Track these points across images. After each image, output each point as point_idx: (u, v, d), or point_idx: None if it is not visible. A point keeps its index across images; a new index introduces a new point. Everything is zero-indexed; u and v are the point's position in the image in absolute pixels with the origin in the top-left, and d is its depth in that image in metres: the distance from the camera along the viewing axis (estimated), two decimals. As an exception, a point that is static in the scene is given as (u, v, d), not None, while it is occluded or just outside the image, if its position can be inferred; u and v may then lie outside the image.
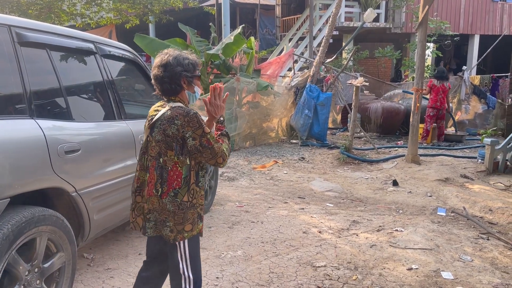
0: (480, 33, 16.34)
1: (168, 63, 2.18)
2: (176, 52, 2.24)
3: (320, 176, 6.92)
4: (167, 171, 2.17)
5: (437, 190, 6.03)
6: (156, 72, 2.21)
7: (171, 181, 2.17)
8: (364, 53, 13.13)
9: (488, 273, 3.58)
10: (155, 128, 2.19)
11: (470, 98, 12.41)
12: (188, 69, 2.23)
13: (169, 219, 2.18)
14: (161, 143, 2.18)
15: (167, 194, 2.17)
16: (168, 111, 2.18)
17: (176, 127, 2.13)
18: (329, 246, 4.07)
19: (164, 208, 2.18)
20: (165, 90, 2.24)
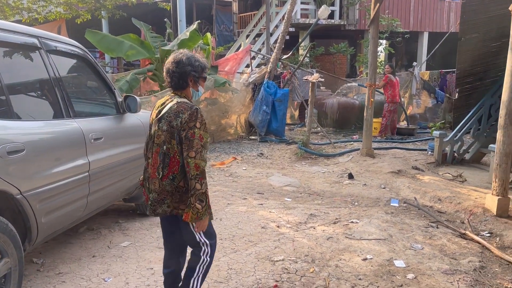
0: (429, 30, 17.04)
1: (180, 61, 2.49)
2: (190, 53, 2.55)
3: (278, 172, 6.98)
4: (169, 157, 2.47)
5: (391, 182, 6.24)
6: (169, 67, 2.51)
7: (171, 166, 2.47)
8: (320, 49, 13.37)
9: (437, 260, 3.75)
10: (162, 119, 2.49)
11: (421, 93, 12.92)
12: (197, 70, 2.53)
13: (167, 197, 2.50)
14: (166, 132, 2.47)
15: (167, 177, 2.48)
16: (174, 105, 2.48)
17: (181, 119, 2.42)
18: (287, 240, 4.12)
19: (163, 189, 2.49)
20: (174, 84, 2.55)
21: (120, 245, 3.96)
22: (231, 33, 17.62)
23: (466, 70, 7.64)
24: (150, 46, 8.54)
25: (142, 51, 8.25)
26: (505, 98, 4.69)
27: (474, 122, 7.42)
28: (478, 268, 3.67)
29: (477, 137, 7.48)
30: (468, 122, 7.41)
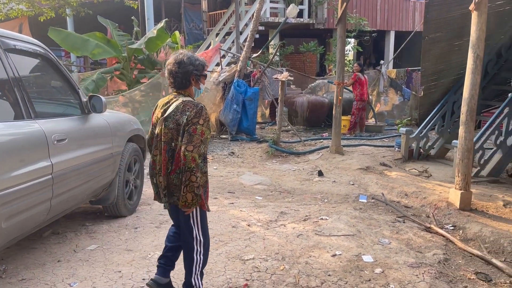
0: (395, 29, 17.44)
1: (182, 61, 2.62)
2: (190, 53, 2.68)
3: (249, 170, 6.99)
4: (175, 152, 2.60)
5: (359, 178, 6.36)
6: (171, 68, 2.64)
7: (178, 161, 2.59)
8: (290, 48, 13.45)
9: (404, 254, 3.84)
10: (169, 118, 2.62)
11: (388, 91, 13.22)
12: (198, 69, 2.67)
13: (175, 191, 2.64)
14: (173, 130, 2.61)
15: (174, 172, 2.63)
16: (180, 104, 2.62)
17: (187, 116, 2.55)
18: (257, 238, 4.12)
19: (171, 183, 2.65)
20: (178, 84, 2.68)
21: (87, 249, 3.86)
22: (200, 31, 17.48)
23: (430, 68, 7.85)
24: (117, 44, 8.36)
25: (108, 50, 8.08)
26: (466, 96, 4.86)
27: (438, 119, 7.65)
28: (442, 260, 3.79)
29: (441, 133, 7.71)
30: (433, 119, 7.63)
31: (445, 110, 7.62)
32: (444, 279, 3.46)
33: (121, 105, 8.03)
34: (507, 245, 4.14)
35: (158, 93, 8.26)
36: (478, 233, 4.44)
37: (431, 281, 3.37)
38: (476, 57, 4.75)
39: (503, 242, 4.19)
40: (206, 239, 2.85)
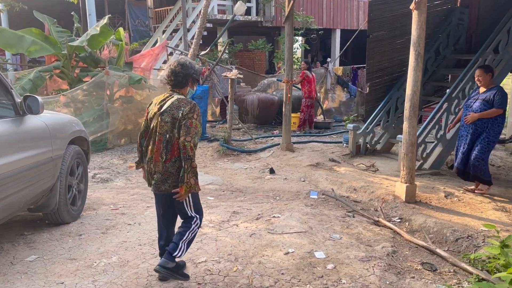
0: (341, 27, 17.91)
1: (185, 64, 3.04)
2: (190, 59, 3.17)
3: (200, 170, 6.85)
4: (171, 144, 2.97)
5: (310, 174, 6.43)
6: (174, 68, 3.03)
7: (173, 151, 2.98)
8: (238, 45, 13.39)
9: (354, 248, 3.91)
10: (165, 113, 2.97)
11: (335, 88, 13.53)
12: (196, 74, 3.11)
13: (170, 177, 3.00)
14: (169, 123, 2.97)
15: (170, 160, 2.99)
16: (176, 101, 2.99)
17: (182, 111, 2.93)
18: (210, 240, 4.03)
19: (167, 170, 3.00)
20: (177, 83, 3.06)
21: (26, 260, 3.60)
22: (146, 28, 17.00)
23: (375, 65, 8.11)
24: (56, 41, 7.91)
25: (46, 47, 7.61)
26: (409, 92, 5.03)
27: (383, 115, 7.91)
28: (390, 252, 3.90)
29: (386, 129, 7.98)
30: (378, 115, 7.87)
31: (389, 106, 7.89)
32: (393, 271, 3.55)
33: (62, 105, 7.61)
34: (449, 235, 4.34)
35: (102, 92, 7.91)
36: (423, 224, 4.61)
37: (380, 274, 3.44)
38: (417, 54, 4.93)
39: (446, 232, 4.39)
40: (201, 214, 3.25)
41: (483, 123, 5.41)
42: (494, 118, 5.38)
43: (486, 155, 5.46)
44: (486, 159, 5.48)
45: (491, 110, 5.33)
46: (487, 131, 5.40)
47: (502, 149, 10.55)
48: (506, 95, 5.49)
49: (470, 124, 5.48)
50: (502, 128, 5.65)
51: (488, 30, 8.27)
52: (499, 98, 5.33)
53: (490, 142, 5.44)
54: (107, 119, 7.81)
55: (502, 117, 5.47)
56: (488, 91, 5.44)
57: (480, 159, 5.40)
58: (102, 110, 7.80)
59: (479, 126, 5.43)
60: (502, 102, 5.34)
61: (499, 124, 5.45)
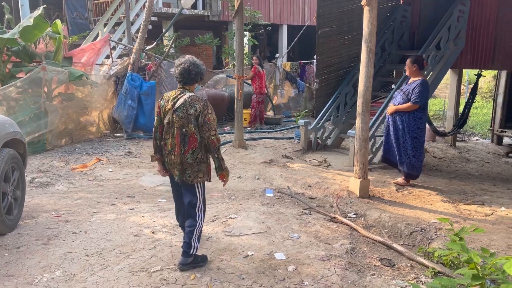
0: (287, 23, 17.98)
1: (195, 63, 3.29)
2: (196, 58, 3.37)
3: (150, 171, 6.55)
4: (188, 137, 3.25)
5: (264, 172, 6.33)
6: (187, 67, 3.25)
7: (191, 143, 3.26)
8: (185, 40, 13.02)
9: (313, 247, 3.85)
10: (179, 109, 3.24)
11: (284, 84, 13.57)
12: (203, 72, 3.37)
13: (188, 168, 3.28)
14: (184, 119, 3.24)
15: (188, 152, 3.27)
16: (188, 98, 3.27)
17: (195, 108, 3.23)
18: (164, 246, 3.81)
19: (185, 161, 3.27)
20: (190, 80, 3.31)
21: (-47, 281, 3.19)
22: (86, 21, 16.12)
23: (324, 61, 8.16)
24: (-17, 33, 7.20)
25: (-28, 40, 6.91)
26: (361, 88, 5.06)
27: (333, 110, 7.99)
28: (349, 250, 3.88)
29: (336, 124, 8.07)
30: (328, 110, 7.94)
31: (339, 102, 7.98)
32: (354, 269, 3.53)
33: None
34: (404, 228, 4.41)
35: (39, 89, 7.32)
36: (378, 219, 4.66)
37: (342, 273, 3.41)
38: (369, 51, 4.96)
39: (400, 226, 4.45)
40: (205, 207, 3.52)
41: (401, 116, 5.42)
42: (411, 113, 5.35)
43: (418, 151, 5.48)
44: (417, 156, 5.50)
45: (407, 105, 5.32)
46: (405, 125, 5.40)
47: (443, 141, 11.10)
48: (426, 90, 5.41)
49: (391, 116, 5.56)
50: (424, 124, 5.56)
51: (429, 28, 8.60)
52: (417, 92, 5.25)
53: (414, 138, 5.41)
54: (45, 118, 7.25)
55: (421, 112, 5.40)
56: (411, 84, 5.43)
57: (411, 156, 5.47)
58: (39, 108, 7.22)
59: (397, 119, 5.49)
60: (419, 97, 5.25)
61: (416, 119, 5.37)
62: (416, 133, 5.40)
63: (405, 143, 5.50)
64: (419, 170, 5.63)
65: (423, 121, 5.56)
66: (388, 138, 5.70)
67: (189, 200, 3.41)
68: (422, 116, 5.48)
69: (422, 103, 5.37)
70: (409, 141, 5.45)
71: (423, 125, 5.57)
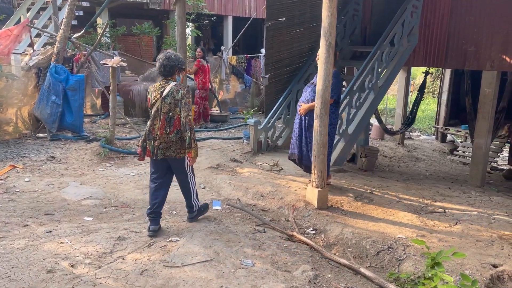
0: (233, 14, 17.21)
1: (170, 57, 3.84)
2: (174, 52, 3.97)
3: (76, 180, 5.61)
4: (173, 119, 3.82)
5: (211, 179, 5.63)
6: (162, 61, 3.82)
7: (175, 124, 3.84)
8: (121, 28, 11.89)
9: (271, 278, 3.24)
10: (167, 96, 3.80)
11: (230, 78, 12.87)
12: (181, 64, 3.93)
13: (172, 146, 3.88)
14: (172, 104, 3.80)
15: (173, 132, 3.84)
16: (174, 86, 3.84)
17: (181, 94, 3.81)
18: (85, 285, 3.02)
19: (170, 140, 3.86)
20: (166, 73, 3.86)
21: None
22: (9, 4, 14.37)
23: (274, 55, 7.57)
24: None
25: None
26: (320, 87, 4.51)
27: (284, 108, 7.45)
28: (312, 278, 3.32)
29: (287, 123, 7.54)
30: (279, 109, 7.39)
31: (290, 100, 7.46)
32: (320, 306, 2.96)
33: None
34: (369, 247, 3.93)
35: None
36: (340, 235, 4.15)
37: (307, 314, 2.82)
38: (328, 45, 4.41)
39: (365, 244, 3.97)
40: (193, 171, 4.15)
41: (312, 112, 4.89)
42: None
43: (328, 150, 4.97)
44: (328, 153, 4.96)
45: None
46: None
47: (391, 140, 10.99)
48: (339, 81, 5.03)
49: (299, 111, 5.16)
50: (336, 120, 5.22)
51: (381, 22, 8.28)
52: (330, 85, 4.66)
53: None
54: None
55: (333, 106, 4.97)
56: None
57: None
58: None
59: (309, 115, 5.04)
60: (332, 90, 4.70)
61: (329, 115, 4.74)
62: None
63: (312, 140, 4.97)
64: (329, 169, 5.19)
65: (336, 116, 5.17)
66: (297, 135, 5.23)
67: (181, 170, 4.03)
68: (335, 111, 5.12)
69: (336, 97, 4.98)
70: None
71: (336, 120, 5.19)
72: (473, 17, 6.91)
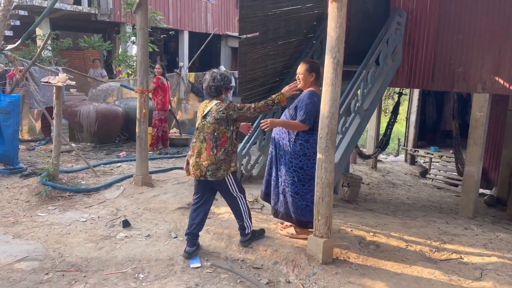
0: (189, 29, 16.29)
1: (216, 77, 3.82)
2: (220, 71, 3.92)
3: (7, 232, 4.35)
4: (219, 139, 3.74)
5: (182, 225, 4.57)
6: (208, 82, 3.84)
7: (222, 143, 3.75)
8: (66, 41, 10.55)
9: None
10: (207, 115, 3.77)
11: (189, 97, 11.87)
12: (227, 84, 3.89)
13: (222, 165, 3.76)
14: (214, 124, 3.74)
15: (220, 151, 3.74)
16: (214, 105, 3.79)
17: (222, 111, 3.72)
18: None
19: (219, 160, 3.73)
20: (213, 93, 3.86)
21: None
22: None
23: (247, 74, 6.72)
24: None
25: None
26: (325, 114, 3.67)
27: (260, 133, 6.58)
28: None
29: (263, 149, 6.68)
30: (254, 134, 6.52)
31: (266, 123, 6.59)
32: None
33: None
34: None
35: None
36: (361, 303, 3.28)
37: None
38: (336, 63, 3.61)
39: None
40: (244, 193, 4.00)
41: (283, 139, 4.10)
42: (296, 133, 4.03)
43: (304, 187, 4.05)
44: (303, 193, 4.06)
45: (293, 122, 3.99)
46: (289, 151, 4.04)
47: (364, 163, 10.44)
48: (315, 104, 3.96)
49: (273, 139, 4.22)
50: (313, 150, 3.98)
51: (360, 40, 7.73)
52: (304, 106, 3.96)
53: (299, 168, 4.01)
54: None
55: (309, 133, 4.00)
56: (302, 96, 4.09)
57: (293, 193, 4.07)
58: None
59: (278, 139, 4.16)
60: (306, 113, 3.92)
61: (302, 143, 4.00)
62: (302, 161, 4.04)
63: (287, 175, 4.10)
64: (307, 214, 4.06)
65: (311, 145, 4.03)
66: (270, 168, 4.30)
67: (226, 192, 3.90)
68: (310, 139, 4.04)
69: (310, 122, 3.98)
70: (291, 172, 4.07)
71: (311, 151, 4.04)
72: (462, 35, 6.47)
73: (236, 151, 3.86)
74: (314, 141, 4.04)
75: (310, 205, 4.08)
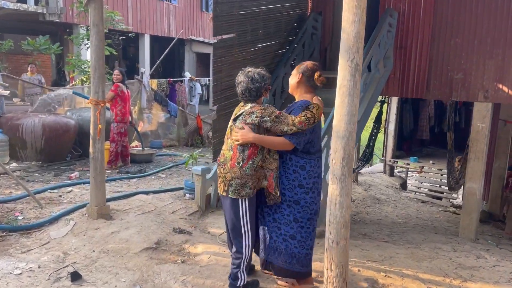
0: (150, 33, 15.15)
1: (253, 77, 3.11)
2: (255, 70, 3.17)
3: None
4: (247, 149, 3.05)
5: (151, 276, 3.57)
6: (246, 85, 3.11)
7: (250, 154, 3.06)
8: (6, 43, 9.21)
9: None
10: (238, 119, 3.13)
11: (152, 106, 10.78)
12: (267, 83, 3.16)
13: (249, 181, 3.05)
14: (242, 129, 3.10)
15: (247, 163, 3.05)
16: (249, 108, 3.11)
17: (255, 115, 3.05)
18: None
19: (244, 174, 3.04)
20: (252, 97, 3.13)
21: None
22: None
23: (223, 82, 5.81)
24: None
25: None
26: (342, 133, 2.81)
27: (238, 150, 5.68)
28: None
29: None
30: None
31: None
32: None
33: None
34: None
35: None
36: None
37: None
38: (354, 68, 2.78)
39: None
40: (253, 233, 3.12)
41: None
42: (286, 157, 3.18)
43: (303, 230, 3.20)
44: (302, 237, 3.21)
45: (274, 139, 3.08)
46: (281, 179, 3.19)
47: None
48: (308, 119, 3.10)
49: None
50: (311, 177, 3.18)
51: (345, 44, 7.00)
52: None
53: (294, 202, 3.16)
54: None
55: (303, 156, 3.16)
56: (291, 107, 3.29)
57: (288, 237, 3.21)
58: None
59: None
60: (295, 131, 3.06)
61: (296, 169, 3.16)
62: (298, 194, 3.17)
63: (277, 213, 3.23)
64: (306, 263, 3.27)
65: (309, 174, 3.16)
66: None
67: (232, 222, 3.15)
68: (306, 165, 3.16)
69: (299, 142, 3.09)
70: (284, 210, 3.20)
71: (309, 181, 3.16)
72: (460, 40, 5.86)
73: (267, 167, 3.11)
74: (312, 168, 3.19)
75: (307, 252, 3.26)
